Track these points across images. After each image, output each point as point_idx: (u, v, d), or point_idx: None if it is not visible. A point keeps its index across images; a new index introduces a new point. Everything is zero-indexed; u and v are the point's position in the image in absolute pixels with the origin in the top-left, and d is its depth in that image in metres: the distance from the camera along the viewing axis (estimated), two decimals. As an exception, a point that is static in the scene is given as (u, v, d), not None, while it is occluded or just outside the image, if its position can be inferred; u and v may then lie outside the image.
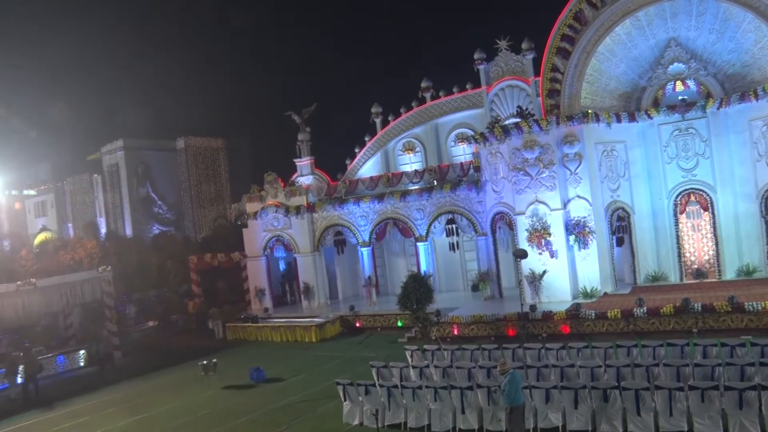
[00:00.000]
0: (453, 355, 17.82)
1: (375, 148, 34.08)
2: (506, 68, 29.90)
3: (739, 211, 24.62)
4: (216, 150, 56.74)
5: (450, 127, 32.37)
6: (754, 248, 24.44)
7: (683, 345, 15.35)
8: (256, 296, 33.00)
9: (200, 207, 53.51)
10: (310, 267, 32.18)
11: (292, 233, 32.42)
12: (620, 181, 25.89)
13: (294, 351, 25.62)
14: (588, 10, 24.76)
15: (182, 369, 24.49)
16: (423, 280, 23.72)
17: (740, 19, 23.62)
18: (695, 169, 25.05)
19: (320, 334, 27.27)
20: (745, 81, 24.62)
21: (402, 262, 33.47)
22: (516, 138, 25.33)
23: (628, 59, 25.84)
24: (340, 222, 31.79)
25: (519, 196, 25.51)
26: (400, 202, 30.13)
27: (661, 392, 12.30)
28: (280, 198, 32.69)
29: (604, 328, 21.44)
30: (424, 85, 32.36)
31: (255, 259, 33.44)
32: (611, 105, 26.28)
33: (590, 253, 24.66)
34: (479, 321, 23.82)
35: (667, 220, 25.63)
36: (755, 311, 19.48)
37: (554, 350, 16.65)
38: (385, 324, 27.56)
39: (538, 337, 22.14)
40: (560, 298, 24.49)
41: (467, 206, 28.69)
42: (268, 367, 21.81)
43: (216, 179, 56.04)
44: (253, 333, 29.02)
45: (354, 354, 23.92)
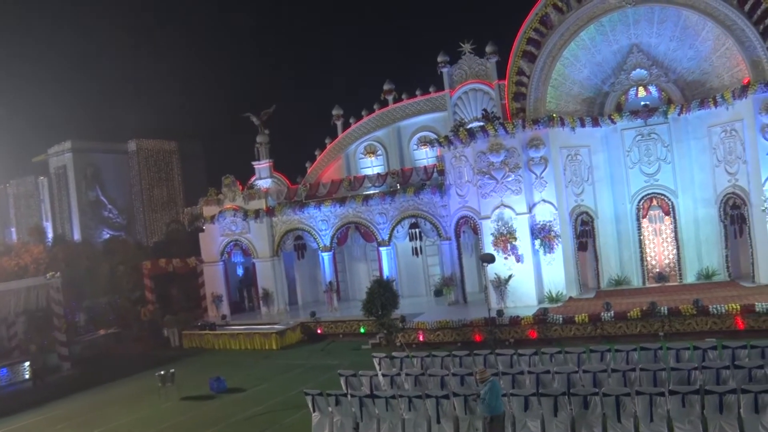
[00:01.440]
0: (423, 362, 17.34)
1: (336, 152, 33.51)
2: (470, 71, 29.68)
3: (699, 215, 24.98)
4: (169, 153, 55.36)
5: (413, 130, 32.03)
6: (713, 252, 24.81)
7: (656, 349, 15.21)
8: (212, 303, 31.96)
9: (152, 211, 52.02)
10: (269, 272, 31.33)
11: (250, 237, 31.52)
12: (584, 186, 25.97)
13: (254, 359, 24.76)
14: (554, 14, 24.78)
15: (137, 380, 23.35)
16: (388, 285, 23.20)
17: (700, 27, 23.97)
18: (657, 173, 25.32)
19: (281, 341, 26.49)
20: (704, 88, 25.01)
21: (363, 267, 32.95)
22: (482, 141, 25.13)
23: (592, 64, 25.97)
24: (300, 226, 31.06)
25: (484, 200, 25.30)
26: (362, 206, 29.61)
27: (641, 398, 12.07)
28: (239, 201, 31.76)
29: (572, 333, 21.33)
30: (387, 88, 31.95)
31: (212, 264, 32.38)
32: (575, 109, 26.37)
33: (555, 257, 24.60)
34: (445, 327, 23.45)
35: (630, 225, 25.82)
36: (719, 314, 19.66)
37: (527, 356, 16.31)
38: (347, 330, 26.93)
39: (506, 343, 21.89)
40: (526, 302, 24.34)
41: (431, 210, 28.36)
42: (228, 377, 20.97)
43: (169, 183, 54.65)
44: (210, 341, 28.00)
45: (317, 362, 23.26)
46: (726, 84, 24.17)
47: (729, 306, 19.61)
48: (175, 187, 54.28)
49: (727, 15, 22.81)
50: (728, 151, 23.71)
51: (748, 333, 19.08)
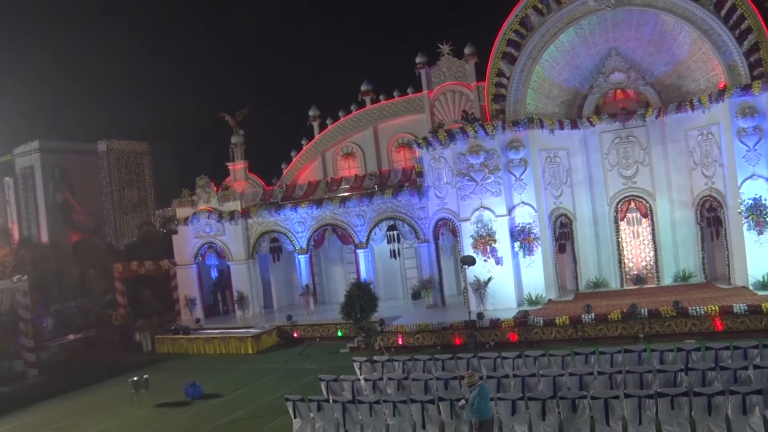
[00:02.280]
0: (405, 366, 17.06)
1: (312, 153, 33.10)
2: (448, 73, 29.56)
3: (676, 218, 25.15)
4: (140, 154, 54.39)
5: (390, 131, 31.76)
6: (690, 254, 25.00)
7: (640, 351, 15.18)
8: (186, 306, 31.28)
9: (123, 213, 51.01)
10: (244, 275, 30.78)
11: (225, 240, 30.94)
12: (563, 188, 25.99)
13: (230, 364, 24.23)
14: (534, 16, 24.72)
15: (108, 386, 22.64)
16: (367, 288, 22.91)
17: (677, 31, 24.13)
18: (635, 176, 25.43)
19: (257, 345, 26.00)
20: (680, 91, 25.20)
21: (340, 269, 32.58)
22: (461, 143, 24.97)
23: (571, 67, 26.00)
24: (276, 228, 30.58)
25: (464, 202, 25.13)
26: (339, 207, 29.26)
27: (630, 400, 11.95)
28: (213, 203, 31.16)
29: (552, 336, 21.25)
30: (364, 89, 31.66)
31: (185, 267, 31.70)
32: (554, 112, 26.37)
33: (535, 259, 24.52)
34: (425, 330, 23.21)
35: (608, 227, 25.89)
36: (698, 315, 19.75)
37: (510, 359, 16.15)
38: (324, 334, 26.58)
39: (486, 346, 21.76)
40: (505, 305, 24.20)
41: (409, 212, 28.11)
42: (203, 382, 20.44)
43: (140, 184, 53.67)
44: (184, 345, 27.36)
45: (294, 366, 22.86)
46: (702, 88, 24.37)
47: (708, 308, 19.71)
48: (146, 189, 53.32)
49: (704, 20, 22.98)
50: (705, 154, 23.90)
51: (727, 334, 19.24)
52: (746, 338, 17.96)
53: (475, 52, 28.81)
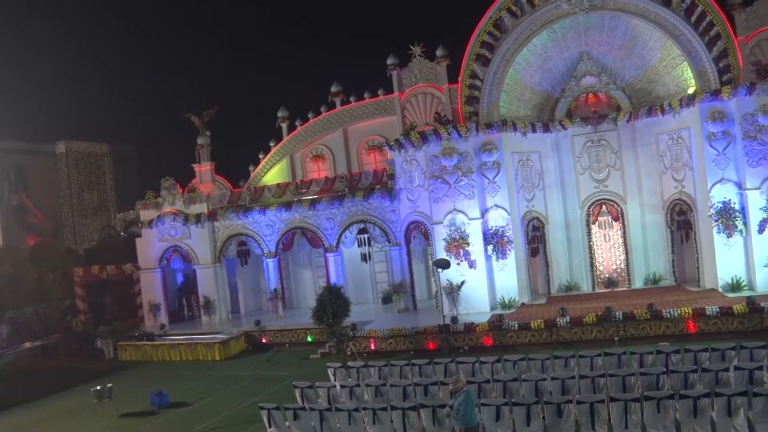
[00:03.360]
0: (381, 372, 16.68)
1: (281, 155, 32.45)
2: (420, 75, 29.24)
3: (646, 221, 25.33)
4: (100, 156, 52.96)
5: (361, 134, 31.31)
6: (660, 257, 25.20)
7: (620, 354, 15.09)
8: (150, 312, 30.31)
9: (82, 216, 49.50)
10: (210, 279, 29.99)
11: (191, 243, 30.10)
12: (535, 191, 25.96)
13: (197, 371, 23.48)
14: (508, 18, 24.64)
15: (68, 396, 21.66)
16: (339, 292, 22.39)
17: (647, 36, 24.32)
18: (607, 179, 25.56)
19: (224, 351, 25.31)
20: (650, 96, 25.41)
21: (308, 274, 32.03)
22: (434, 145, 24.74)
23: (543, 70, 26.01)
24: (244, 231, 29.88)
25: (436, 204, 24.89)
26: (309, 210, 28.72)
27: (615, 404, 11.76)
28: (179, 205, 30.30)
29: (527, 339, 21.12)
30: (334, 90, 31.14)
31: (149, 271, 30.73)
32: (526, 115, 26.33)
33: (508, 263, 24.39)
34: (398, 335, 22.85)
35: (580, 230, 25.94)
36: (672, 318, 19.84)
37: (489, 363, 15.87)
38: (294, 339, 26.02)
39: (460, 350, 21.51)
40: (478, 309, 24.02)
41: (380, 215, 27.76)
42: (170, 390, 19.65)
43: (100, 187, 52.23)
44: (148, 352, 26.45)
45: (264, 372, 22.29)
46: (672, 93, 24.61)
47: (681, 310, 19.82)
48: (106, 192, 51.90)
49: (674, 25, 23.21)
50: (675, 158, 24.13)
51: (699, 336, 19.41)
52: (718, 340, 18.20)
53: (447, 55, 28.53)
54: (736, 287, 21.92)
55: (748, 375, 12.87)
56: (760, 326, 19.31)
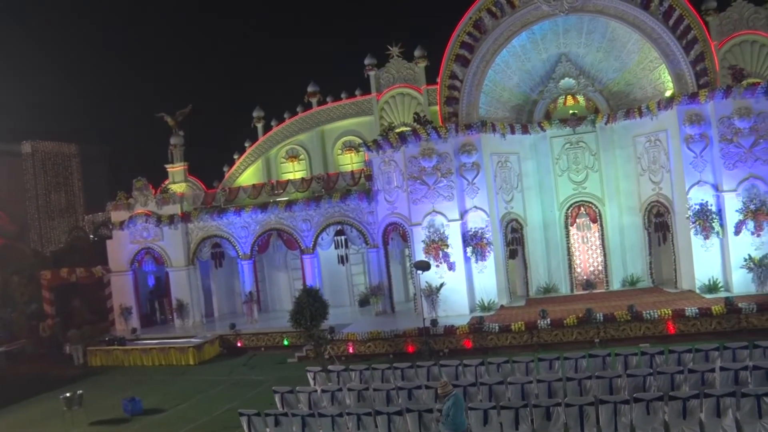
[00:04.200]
0: (362, 375, 16.34)
1: (256, 155, 31.98)
2: (398, 75, 29.15)
3: (624, 223, 25.42)
4: (68, 156, 51.84)
5: (337, 134, 31.03)
6: (638, 259, 25.30)
7: (604, 356, 14.96)
8: (121, 315, 29.52)
9: (49, 218, 48.28)
10: (184, 282, 29.31)
11: (163, 245, 29.39)
12: (513, 193, 25.89)
13: (170, 376, 22.86)
14: (488, 19, 24.53)
15: (36, 404, 20.82)
16: (318, 295, 22.09)
17: (626, 39, 24.44)
18: (585, 181, 25.61)
19: (198, 356, 24.70)
20: (628, 99, 25.54)
21: (284, 276, 31.56)
22: (413, 146, 24.51)
23: (522, 72, 25.97)
24: (218, 233, 29.30)
25: (415, 206, 24.65)
26: (285, 212, 28.27)
27: (605, 406, 11.60)
28: (151, 206, 29.58)
29: (508, 342, 20.95)
30: (311, 90, 30.80)
31: (121, 273, 29.92)
32: (504, 116, 26.26)
33: (487, 265, 24.22)
34: (377, 338, 22.51)
35: (559, 232, 25.95)
36: (652, 319, 19.86)
37: (473, 366, 15.65)
38: (269, 343, 25.53)
39: (440, 353, 21.27)
40: (457, 311, 23.80)
41: (358, 217, 27.43)
42: (143, 396, 19.06)
43: (68, 188, 51.11)
44: (119, 357, 25.68)
45: (240, 377, 21.75)
46: (649, 95, 24.76)
47: (661, 311, 19.85)
48: (74, 193, 50.79)
49: (653, 28, 23.34)
50: (652, 161, 24.26)
51: (679, 337, 19.48)
52: (697, 341, 18.28)
53: (425, 55, 28.52)
54: (713, 288, 22.08)
55: (734, 375, 12.85)
56: (737, 327, 19.45)
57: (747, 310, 19.46)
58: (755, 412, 11.25)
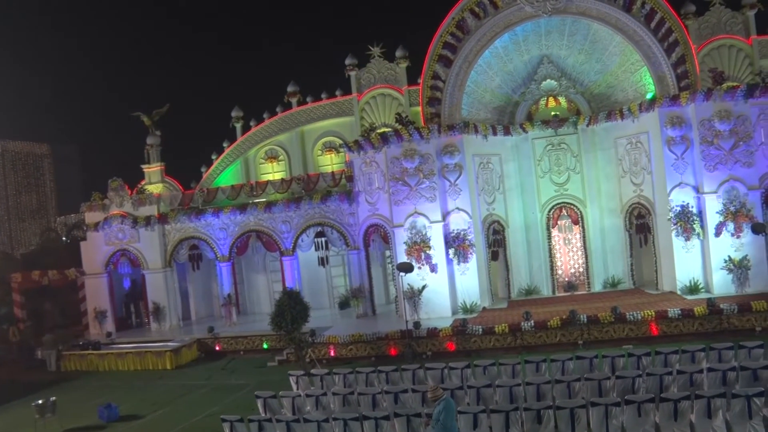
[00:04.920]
0: (346, 379, 16.04)
1: (234, 156, 31.48)
2: (379, 76, 28.93)
3: (605, 225, 25.47)
4: (39, 157, 50.70)
5: (317, 135, 30.67)
6: (619, 261, 25.35)
7: (591, 357, 14.87)
8: (95, 319, 28.79)
9: (19, 220, 47.12)
10: (160, 285, 28.70)
11: (139, 247, 28.75)
12: (495, 194, 25.80)
13: (147, 381, 22.29)
14: (471, 20, 24.41)
15: (7, 412, 20.04)
16: (299, 297, 21.77)
17: (607, 42, 24.50)
18: (567, 183, 25.62)
19: (176, 360, 24.16)
20: (609, 101, 25.62)
21: (263, 278, 31.10)
22: (395, 146, 24.29)
23: (503, 73, 25.91)
24: (196, 234, 28.75)
25: (397, 207, 24.42)
26: (264, 213, 27.85)
27: (596, 409, 11.46)
28: (127, 207, 28.93)
29: (491, 344, 20.78)
30: (291, 90, 30.41)
31: (95, 276, 29.19)
32: (486, 118, 26.17)
33: (470, 266, 24.05)
34: (358, 340, 22.22)
35: (540, 234, 25.91)
36: (635, 320, 19.87)
37: (458, 369, 15.45)
38: (249, 347, 25.12)
39: (423, 356, 21.07)
40: (440, 314, 23.61)
41: (338, 218, 27.13)
42: (119, 402, 18.52)
43: (39, 189, 50.02)
44: (94, 362, 25.01)
45: (219, 381, 21.31)
46: (630, 98, 24.85)
47: (644, 313, 19.87)
48: (46, 194, 49.70)
49: (635, 31, 23.42)
50: (633, 162, 24.33)
51: (662, 338, 19.53)
52: (680, 342, 18.34)
53: (406, 56, 28.34)
54: (694, 289, 22.20)
55: (721, 376, 12.82)
56: (719, 328, 19.56)
57: (728, 311, 19.59)
58: (745, 412, 11.20)
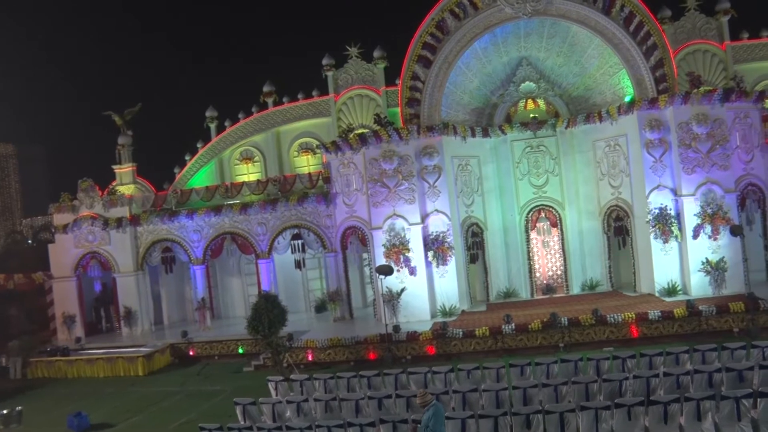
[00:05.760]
0: (327, 384, 15.67)
1: (208, 156, 30.88)
2: (356, 76, 28.67)
3: (583, 227, 25.46)
4: (4, 157, 49.34)
5: (293, 136, 30.27)
6: (597, 263, 25.36)
7: (576, 360, 14.73)
8: (64, 324, 27.88)
9: (-17, 222, 45.73)
10: (132, 288, 27.93)
11: (110, 250, 27.95)
12: (474, 197, 25.64)
13: (118, 388, 21.63)
14: (451, 20, 24.24)
15: (-30, 420, 19.38)
16: (276, 301, 21.27)
17: (586, 44, 24.53)
18: (545, 185, 25.56)
19: (148, 365, 23.54)
20: (587, 104, 25.66)
21: (237, 282, 30.53)
22: (373, 147, 24.00)
23: (482, 75, 25.80)
24: (169, 237, 28.05)
25: (376, 209, 24.12)
26: (239, 215, 27.31)
27: (585, 412, 11.29)
28: (98, 209, 28.11)
29: (472, 347, 20.60)
30: (267, 90, 29.93)
31: (64, 279, 28.25)
32: (464, 119, 26.03)
33: (449, 269, 23.84)
34: (337, 345, 21.84)
35: (519, 236, 25.79)
36: (616, 323, 19.84)
37: (442, 374, 15.19)
38: (223, 351, 24.57)
39: (402, 360, 20.80)
40: (419, 317, 23.35)
41: (315, 220, 26.71)
42: (90, 411, 17.91)
43: (4, 190, 48.62)
44: (62, 369, 24.19)
45: (194, 388, 20.78)
46: (608, 100, 24.90)
47: (625, 315, 19.86)
48: (11, 195, 48.32)
49: (614, 34, 23.48)
50: (612, 165, 24.37)
51: (642, 340, 19.53)
52: (660, 344, 18.39)
53: (384, 56, 28.12)
54: (672, 292, 22.30)
55: (707, 378, 12.77)
56: (698, 329, 19.64)
57: (707, 312, 19.67)
58: (734, 414, 11.14)
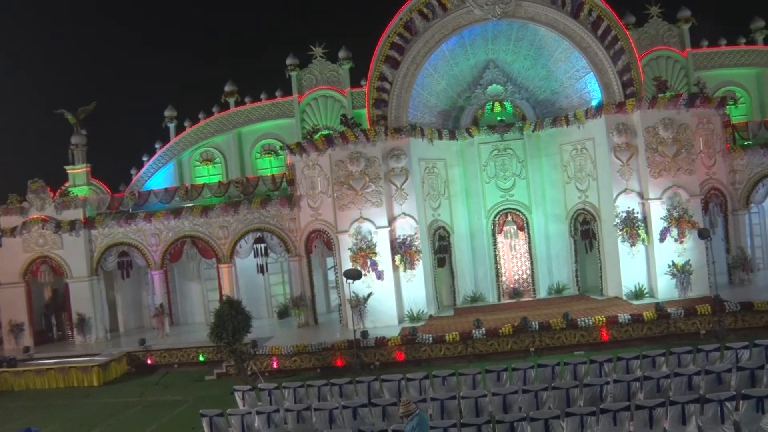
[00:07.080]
0: (296, 394, 15.08)
1: (167, 157, 29.81)
2: (321, 77, 28.13)
3: (550, 231, 25.43)
4: (-54, 156, 46.73)
5: (255, 137, 29.48)
6: (564, 267, 25.35)
7: (554, 365, 14.49)
8: (11, 333, 26.43)
9: None
10: (86, 294, 26.68)
11: (62, 254, 26.67)
12: (441, 200, 25.37)
13: (72, 399, 20.53)
14: (419, 21, 23.90)
15: None
16: (240, 307, 20.60)
17: (553, 48, 24.51)
18: (512, 189, 25.48)
19: (104, 375, 22.46)
20: (554, 107, 25.66)
21: (197, 287, 29.58)
22: (340, 149, 23.51)
23: (449, 77, 25.56)
24: (125, 240, 26.94)
25: (342, 212, 23.61)
26: (200, 218, 26.45)
27: (572, 419, 11.01)
28: (49, 211, 26.81)
29: (442, 353, 20.28)
30: (228, 89, 29.08)
31: (11, 286, 26.78)
32: (430, 122, 25.73)
33: (416, 273, 23.50)
34: (303, 351, 21.25)
35: (486, 240, 25.61)
36: (586, 326, 19.79)
37: (416, 381, 14.77)
38: (184, 359, 23.68)
39: (371, 366, 20.34)
40: (386, 322, 22.92)
41: (279, 224, 26.05)
42: (40, 425, 16.76)
43: (-55, 191, 46.05)
44: (9, 381, 22.81)
45: (154, 398, 19.93)
46: (575, 104, 24.94)
47: (595, 318, 19.81)
48: (-47, 197, 45.84)
49: (582, 37, 23.49)
50: (578, 169, 24.41)
51: (612, 344, 19.59)
52: (629, 347, 18.56)
53: (350, 57, 27.67)
54: (639, 295, 22.41)
55: (687, 381, 12.68)
56: (666, 332, 19.79)
57: (675, 315, 19.80)
58: (717, 417, 11.04)
